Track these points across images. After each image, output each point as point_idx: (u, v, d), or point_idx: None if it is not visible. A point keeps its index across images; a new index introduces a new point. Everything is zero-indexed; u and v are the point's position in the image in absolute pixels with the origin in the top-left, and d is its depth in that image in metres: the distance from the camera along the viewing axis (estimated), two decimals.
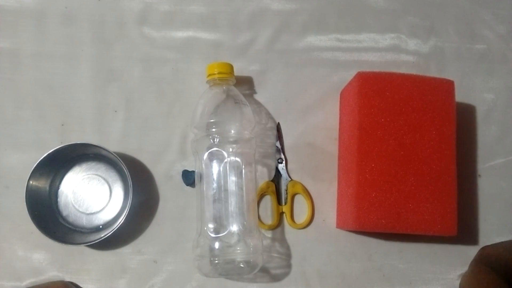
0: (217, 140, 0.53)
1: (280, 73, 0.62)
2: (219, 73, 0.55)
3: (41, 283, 0.55)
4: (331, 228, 0.59)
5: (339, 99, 0.61)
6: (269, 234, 0.58)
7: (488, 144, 0.61)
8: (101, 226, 0.57)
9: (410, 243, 0.58)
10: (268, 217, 0.59)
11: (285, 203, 0.59)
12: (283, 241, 0.58)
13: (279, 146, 0.60)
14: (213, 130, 0.54)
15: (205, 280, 0.57)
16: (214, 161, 0.54)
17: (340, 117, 0.61)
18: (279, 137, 0.60)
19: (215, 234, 0.52)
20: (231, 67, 0.56)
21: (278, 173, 0.60)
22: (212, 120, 0.54)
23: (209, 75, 0.55)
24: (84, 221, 0.58)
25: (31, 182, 0.54)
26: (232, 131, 0.54)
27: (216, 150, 0.53)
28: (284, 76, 0.62)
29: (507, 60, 0.63)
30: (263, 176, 0.60)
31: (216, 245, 0.52)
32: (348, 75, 0.57)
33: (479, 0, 0.64)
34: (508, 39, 0.63)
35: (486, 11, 0.64)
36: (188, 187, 0.58)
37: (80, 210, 0.58)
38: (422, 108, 0.52)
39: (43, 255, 0.57)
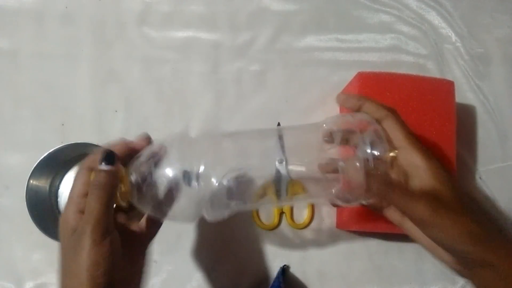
0: None
1: (280, 73, 0.62)
2: None
3: None
4: (331, 228, 0.59)
5: None
6: (269, 234, 0.58)
7: (488, 146, 0.61)
8: None
9: (410, 243, 0.58)
10: (268, 217, 0.59)
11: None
12: (283, 241, 0.58)
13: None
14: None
15: (205, 280, 0.57)
16: None
17: None
18: (279, 137, 0.60)
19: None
20: None
21: (278, 173, 0.60)
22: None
23: None
24: None
25: (31, 182, 0.54)
26: None
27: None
28: (284, 76, 0.62)
29: (506, 62, 0.63)
30: (263, 176, 0.60)
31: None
32: (348, 75, 0.57)
33: (478, 4, 0.64)
34: (507, 42, 0.63)
35: (485, 14, 0.64)
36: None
37: None
38: (422, 109, 0.52)
39: (43, 255, 0.57)
